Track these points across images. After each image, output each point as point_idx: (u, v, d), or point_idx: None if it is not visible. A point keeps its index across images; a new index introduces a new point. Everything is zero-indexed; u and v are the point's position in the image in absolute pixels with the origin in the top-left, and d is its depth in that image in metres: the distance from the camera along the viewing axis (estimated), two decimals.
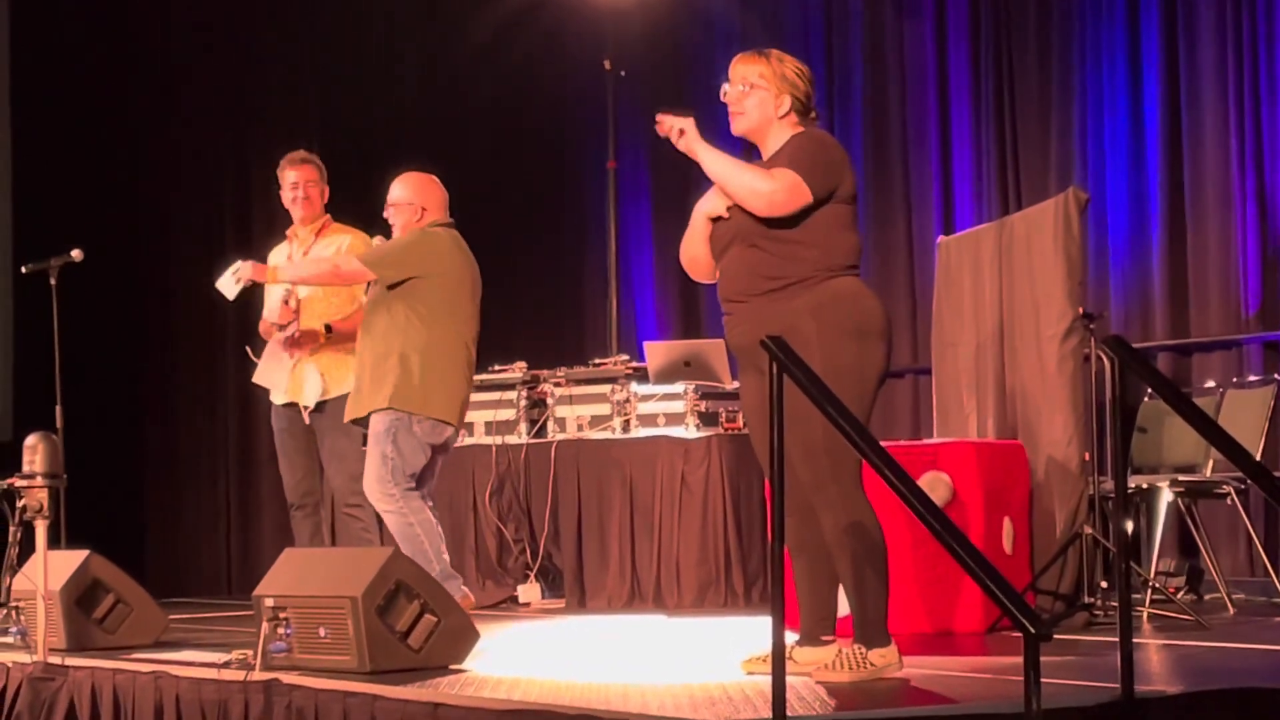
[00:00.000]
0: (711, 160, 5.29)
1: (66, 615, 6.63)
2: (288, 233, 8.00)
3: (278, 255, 8.04)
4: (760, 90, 5.34)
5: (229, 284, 7.39)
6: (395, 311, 7.12)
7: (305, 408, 7.70)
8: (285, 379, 7.76)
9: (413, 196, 7.27)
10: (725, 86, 5.41)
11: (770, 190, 5.18)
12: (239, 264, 7.41)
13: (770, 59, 5.37)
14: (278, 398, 7.82)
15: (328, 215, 7.94)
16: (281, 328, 7.75)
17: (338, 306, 7.75)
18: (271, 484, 8.24)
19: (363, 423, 7.27)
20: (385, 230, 7.43)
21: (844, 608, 5.34)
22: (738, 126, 5.41)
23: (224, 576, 11.83)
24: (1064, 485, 7.22)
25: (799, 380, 4.35)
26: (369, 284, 7.42)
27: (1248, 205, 9.06)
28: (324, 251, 7.79)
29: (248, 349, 8.02)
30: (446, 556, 7.10)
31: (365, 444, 7.67)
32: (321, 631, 5.52)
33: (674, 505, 8.62)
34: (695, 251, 5.45)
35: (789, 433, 5.08)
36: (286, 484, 7.88)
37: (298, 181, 7.86)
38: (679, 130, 5.34)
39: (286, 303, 7.74)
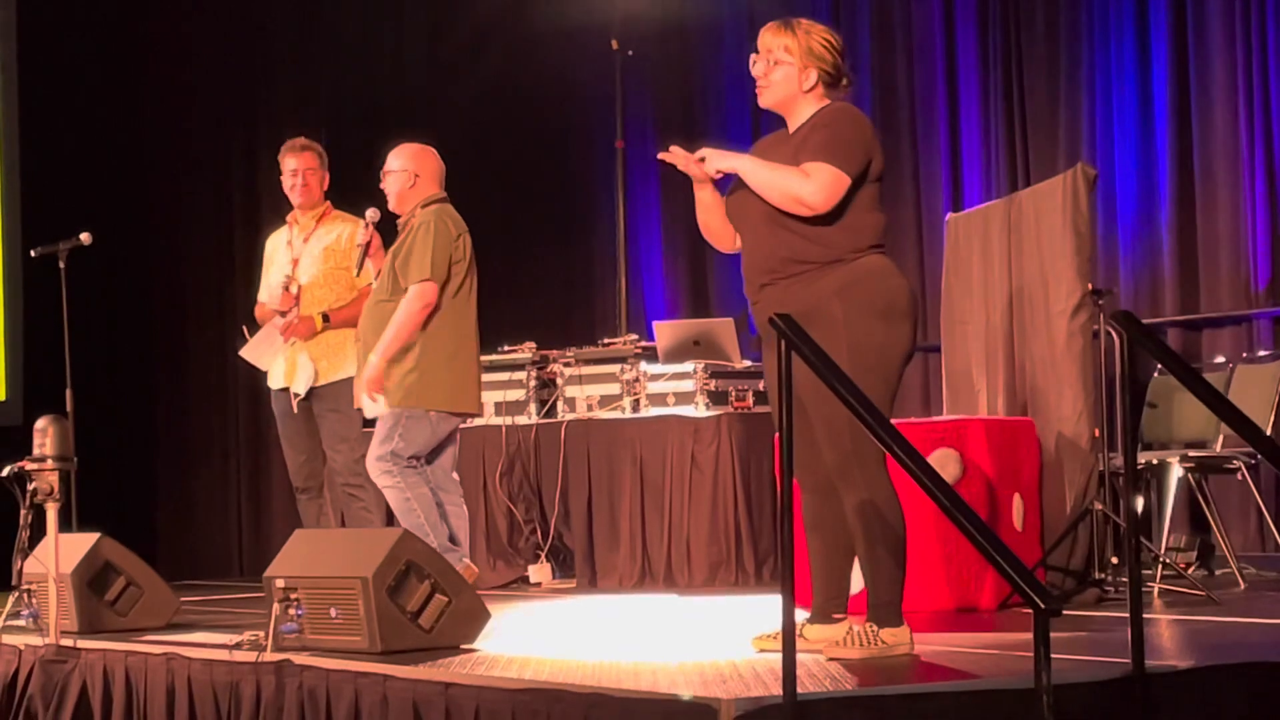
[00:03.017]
0: (749, 169, 5.19)
1: (78, 598, 6.64)
2: (289, 218, 8.02)
3: (277, 240, 8.05)
4: (784, 65, 5.26)
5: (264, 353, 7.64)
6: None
7: (295, 395, 7.74)
8: (281, 364, 7.81)
9: (407, 163, 7.34)
10: (754, 57, 5.32)
11: (811, 193, 5.09)
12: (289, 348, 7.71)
13: (797, 31, 5.27)
14: (275, 383, 7.88)
15: (328, 202, 7.96)
16: (282, 314, 7.78)
17: (338, 295, 7.78)
18: (282, 466, 8.25)
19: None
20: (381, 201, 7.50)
21: (856, 585, 5.34)
22: (764, 100, 5.32)
23: (235, 558, 11.85)
24: (1074, 461, 7.21)
25: (807, 358, 4.35)
26: (361, 272, 7.50)
27: (1257, 179, 9.05)
28: (325, 239, 7.82)
29: (244, 328, 8.05)
30: (447, 530, 7.14)
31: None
32: (332, 612, 5.52)
33: (684, 484, 8.62)
34: (704, 219, 5.39)
35: (815, 412, 5.09)
36: (291, 468, 7.93)
37: (297, 169, 7.88)
38: (698, 159, 5.25)
39: (288, 289, 7.76)
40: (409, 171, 7.33)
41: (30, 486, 6.33)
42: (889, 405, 5.14)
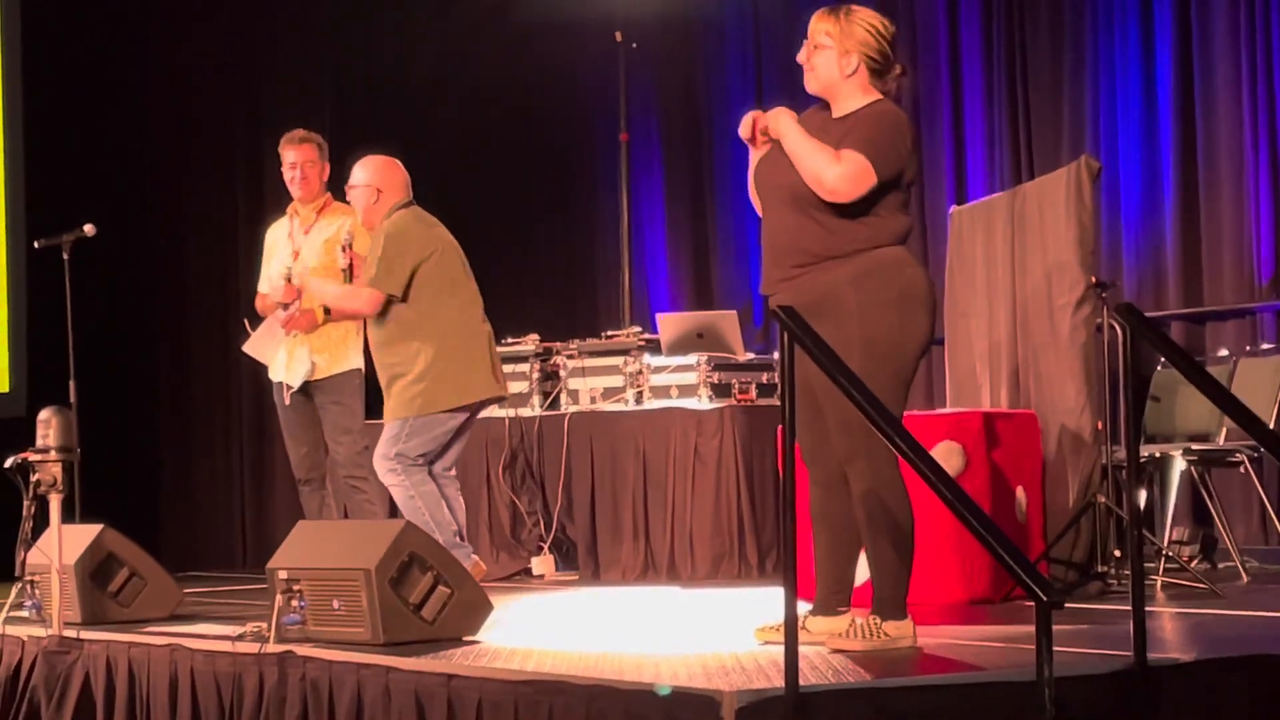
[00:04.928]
0: (789, 133, 5.16)
1: (81, 589, 6.65)
2: (289, 210, 8.03)
3: (278, 231, 8.07)
4: (825, 50, 5.23)
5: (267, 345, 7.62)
6: (398, 313, 7.21)
7: (289, 387, 7.75)
8: (282, 356, 7.82)
9: (370, 179, 7.37)
10: (804, 43, 5.31)
11: (835, 177, 5.06)
12: (276, 325, 7.67)
13: (840, 16, 5.25)
14: (276, 375, 7.89)
15: (329, 194, 7.97)
16: (284, 306, 7.79)
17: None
18: (284, 458, 8.27)
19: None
20: None
21: (861, 576, 5.33)
22: (809, 85, 5.28)
23: (238, 550, 11.86)
24: (1077, 454, 7.21)
25: (809, 349, 4.34)
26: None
27: (1260, 172, 9.03)
28: (325, 231, 7.83)
29: (245, 321, 8.06)
30: (454, 526, 7.16)
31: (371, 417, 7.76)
32: (335, 604, 5.53)
33: (687, 477, 8.62)
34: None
35: (828, 402, 5.07)
36: (293, 460, 7.95)
37: (295, 161, 7.89)
38: (764, 124, 5.25)
39: (290, 281, 7.78)
40: (371, 187, 7.36)
41: (33, 478, 6.34)
42: (902, 397, 5.12)
